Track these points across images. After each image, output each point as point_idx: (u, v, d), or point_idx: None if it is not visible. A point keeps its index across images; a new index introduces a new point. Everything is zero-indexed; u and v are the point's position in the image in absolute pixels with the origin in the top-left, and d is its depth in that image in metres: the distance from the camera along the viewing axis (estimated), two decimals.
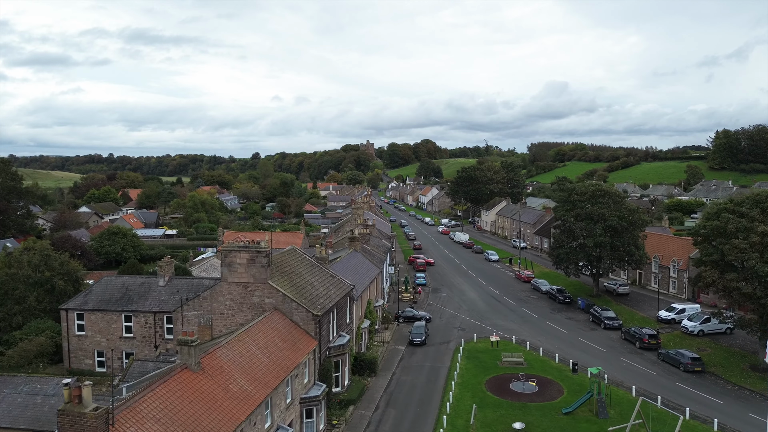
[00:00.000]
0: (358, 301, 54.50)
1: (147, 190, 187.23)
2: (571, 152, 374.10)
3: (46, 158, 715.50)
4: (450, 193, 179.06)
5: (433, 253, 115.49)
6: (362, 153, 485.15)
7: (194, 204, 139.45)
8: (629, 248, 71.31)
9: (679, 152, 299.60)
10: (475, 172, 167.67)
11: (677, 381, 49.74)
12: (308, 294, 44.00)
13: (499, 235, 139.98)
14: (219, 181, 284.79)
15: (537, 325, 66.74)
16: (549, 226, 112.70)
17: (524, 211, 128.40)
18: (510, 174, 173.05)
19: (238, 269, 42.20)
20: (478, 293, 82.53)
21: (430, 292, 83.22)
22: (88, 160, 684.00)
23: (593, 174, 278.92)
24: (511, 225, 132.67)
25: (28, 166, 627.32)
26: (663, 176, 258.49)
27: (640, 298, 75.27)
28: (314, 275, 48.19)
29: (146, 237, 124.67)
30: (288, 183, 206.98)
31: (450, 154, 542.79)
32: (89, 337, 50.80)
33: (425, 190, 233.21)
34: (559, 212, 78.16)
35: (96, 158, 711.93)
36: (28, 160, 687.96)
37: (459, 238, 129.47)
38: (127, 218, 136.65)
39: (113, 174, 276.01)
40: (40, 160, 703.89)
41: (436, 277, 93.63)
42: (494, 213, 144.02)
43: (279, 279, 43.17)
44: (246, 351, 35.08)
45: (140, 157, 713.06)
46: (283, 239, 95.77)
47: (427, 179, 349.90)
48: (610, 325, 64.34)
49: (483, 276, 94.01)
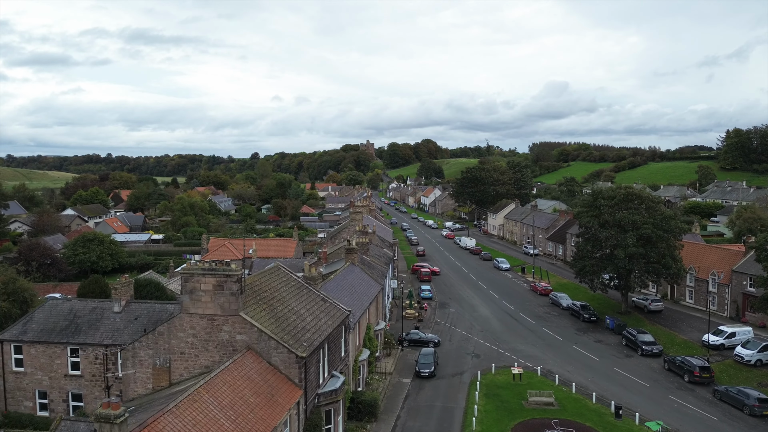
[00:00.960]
0: (356, 327, 45.37)
1: (136, 192, 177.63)
2: (575, 152, 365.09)
3: (44, 158, 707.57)
4: (454, 194, 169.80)
5: (438, 261, 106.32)
6: (362, 153, 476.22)
7: (182, 207, 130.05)
8: (665, 260, 62.09)
9: (687, 152, 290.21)
10: (480, 173, 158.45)
11: (744, 428, 40.57)
12: (292, 327, 34.81)
13: (508, 240, 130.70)
14: (215, 181, 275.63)
15: (563, 350, 57.51)
16: (564, 231, 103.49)
17: (535, 215, 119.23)
18: (517, 174, 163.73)
19: (202, 298, 33.01)
20: (491, 309, 73.31)
21: (436, 308, 74.02)
22: (86, 160, 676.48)
23: (599, 174, 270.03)
24: (521, 230, 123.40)
25: (26, 166, 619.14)
26: (672, 177, 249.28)
27: (676, 317, 66.03)
28: (301, 300, 39.02)
29: (129, 243, 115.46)
30: (285, 184, 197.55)
31: (451, 154, 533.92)
32: (29, 374, 41.53)
33: (427, 191, 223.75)
34: (583, 218, 68.82)
35: (94, 158, 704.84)
36: (26, 160, 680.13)
37: (465, 244, 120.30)
38: (110, 222, 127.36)
39: (106, 174, 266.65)
40: (38, 160, 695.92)
41: (443, 288, 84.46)
42: (502, 216, 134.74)
43: (255, 308, 34.03)
44: (203, 416, 25.81)
45: (138, 157, 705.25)
46: (273, 247, 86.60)
47: (428, 179, 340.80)
48: (648, 351, 55.08)
49: (495, 287, 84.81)
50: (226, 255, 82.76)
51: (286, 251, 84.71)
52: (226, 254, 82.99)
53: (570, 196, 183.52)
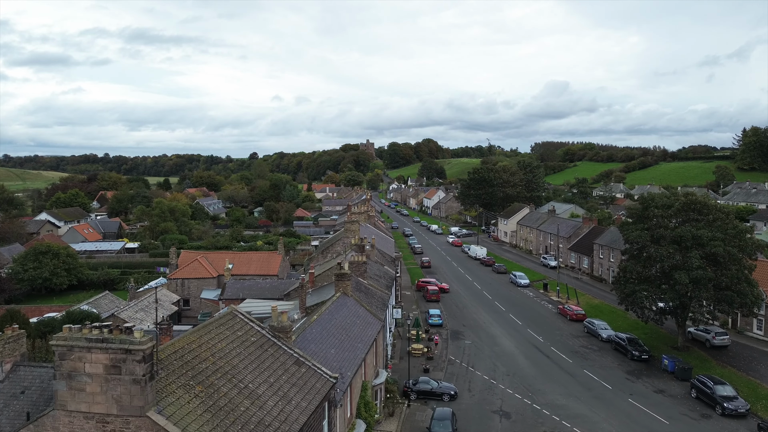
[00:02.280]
0: (346, 395, 32.14)
1: (119, 194, 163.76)
2: (581, 152, 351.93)
3: (41, 158, 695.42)
4: (459, 196, 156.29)
5: (445, 274, 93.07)
6: (362, 153, 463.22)
7: (161, 212, 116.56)
8: (740, 286, 48.84)
9: (700, 151, 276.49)
10: (489, 174, 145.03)
11: None
12: (241, 426, 21.59)
13: (522, 248, 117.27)
14: (208, 182, 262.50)
15: (615, 405, 44.11)
16: (589, 241, 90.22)
17: (554, 221, 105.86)
18: (528, 176, 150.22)
19: (88, 386, 19.72)
20: (515, 341, 59.93)
21: (448, 338, 60.69)
22: (83, 160, 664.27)
23: (609, 175, 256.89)
24: (537, 237, 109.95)
25: (23, 166, 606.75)
26: (686, 178, 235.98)
27: (746, 354, 52.72)
28: (263, 369, 25.71)
29: (99, 253, 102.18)
30: (279, 185, 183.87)
31: (452, 154, 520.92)
32: None
33: (430, 193, 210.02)
34: (631, 232, 55.38)
35: (91, 158, 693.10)
36: (23, 160, 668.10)
37: (475, 253, 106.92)
38: (80, 229, 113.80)
39: (94, 175, 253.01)
40: (35, 160, 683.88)
41: (455, 311, 71.20)
42: (515, 222, 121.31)
43: (182, 396, 20.67)
44: None
45: (136, 157, 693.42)
46: (255, 262, 73.29)
47: (429, 180, 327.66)
48: (731, 410, 41.66)
49: (515, 309, 71.54)
50: (198, 272, 69.56)
51: (269, 267, 71.43)
52: (198, 271, 69.78)
53: (582, 198, 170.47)
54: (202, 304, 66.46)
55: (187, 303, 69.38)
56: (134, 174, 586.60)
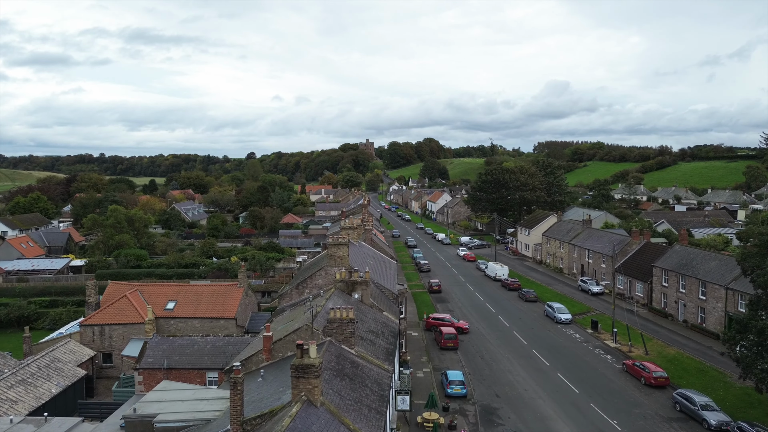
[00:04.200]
0: None
1: (84, 197, 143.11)
2: (590, 151, 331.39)
3: (35, 158, 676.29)
4: (469, 201, 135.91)
5: (460, 301, 73.13)
6: (361, 152, 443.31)
7: (116, 221, 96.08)
8: None
9: (722, 151, 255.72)
10: (503, 175, 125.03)
11: None
12: None
13: (549, 266, 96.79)
14: (196, 183, 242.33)
15: None
16: (645, 262, 70.10)
17: (591, 234, 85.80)
18: (548, 177, 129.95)
19: None
20: (577, 427, 39.76)
21: (478, 421, 40.46)
22: (78, 160, 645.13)
23: (625, 175, 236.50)
24: (569, 253, 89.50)
25: (17, 166, 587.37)
26: (711, 179, 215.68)
27: None
28: None
29: (34, 273, 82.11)
30: (267, 187, 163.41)
31: (454, 154, 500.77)
32: None
33: (435, 196, 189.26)
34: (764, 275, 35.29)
35: (87, 158, 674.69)
36: (17, 160, 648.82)
37: (494, 272, 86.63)
38: (15, 243, 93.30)
39: (73, 176, 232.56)
40: (29, 160, 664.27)
41: (481, 367, 51.04)
42: (539, 233, 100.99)
43: None
44: None
45: (132, 157, 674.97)
46: (207, 298, 53.04)
47: (432, 181, 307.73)
48: None
49: (562, 364, 51.32)
50: (125, 314, 49.50)
51: (224, 307, 51.25)
52: (126, 313, 49.69)
53: (604, 201, 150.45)
54: (124, 362, 46.52)
55: (109, 358, 49.44)
56: (129, 174, 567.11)
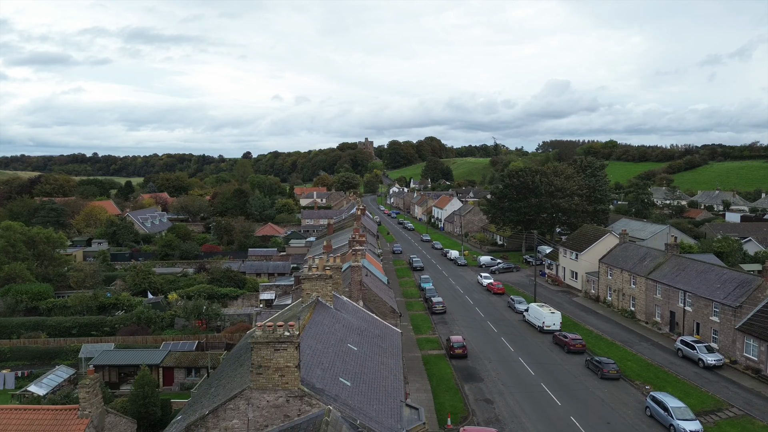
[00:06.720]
0: None
1: (15, 204, 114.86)
2: (605, 150, 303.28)
3: (27, 158, 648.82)
4: (489, 209, 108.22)
5: (496, 372, 45.54)
6: (360, 152, 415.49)
7: (8, 243, 67.60)
8: None
9: (759, 150, 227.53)
10: (534, 177, 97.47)
11: None
12: None
13: (613, 306, 69.04)
14: (175, 185, 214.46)
15: None
16: None
17: (682, 266, 57.95)
18: (589, 180, 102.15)
19: None
20: None
21: None
22: (71, 160, 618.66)
23: (651, 176, 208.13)
24: (646, 292, 61.41)
25: (8, 166, 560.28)
26: (752, 180, 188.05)
27: None
28: None
29: None
30: (245, 191, 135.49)
31: (456, 153, 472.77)
32: None
33: (442, 201, 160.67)
34: None
35: (80, 158, 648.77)
36: (8, 159, 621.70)
37: (540, 319, 58.76)
38: None
39: (37, 177, 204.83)
40: (21, 159, 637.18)
41: None
42: (593, 257, 72.85)
43: None
44: None
45: (126, 157, 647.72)
46: None
47: (435, 182, 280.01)
48: None
49: None
50: None
51: None
52: None
53: (644, 208, 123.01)
54: None
55: None
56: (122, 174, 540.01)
